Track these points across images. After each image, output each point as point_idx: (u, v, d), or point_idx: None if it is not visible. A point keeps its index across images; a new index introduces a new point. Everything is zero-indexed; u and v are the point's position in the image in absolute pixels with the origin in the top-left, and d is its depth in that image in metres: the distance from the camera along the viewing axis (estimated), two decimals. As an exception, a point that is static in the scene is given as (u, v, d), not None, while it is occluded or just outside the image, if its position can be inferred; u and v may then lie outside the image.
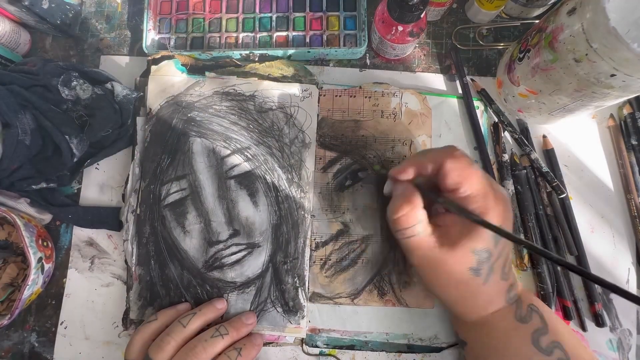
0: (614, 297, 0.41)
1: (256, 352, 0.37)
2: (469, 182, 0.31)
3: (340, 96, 0.43)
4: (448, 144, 0.42)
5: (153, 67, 0.43)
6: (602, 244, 0.41)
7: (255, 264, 0.40)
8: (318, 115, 0.43)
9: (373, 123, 0.43)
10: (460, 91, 0.44)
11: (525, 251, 0.41)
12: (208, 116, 0.42)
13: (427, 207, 0.34)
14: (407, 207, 0.32)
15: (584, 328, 0.40)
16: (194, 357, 0.33)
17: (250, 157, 0.42)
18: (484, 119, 0.43)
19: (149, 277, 0.40)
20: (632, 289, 0.41)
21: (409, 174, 0.34)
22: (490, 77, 0.45)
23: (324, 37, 0.45)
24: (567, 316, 0.40)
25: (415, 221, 0.32)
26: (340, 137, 0.43)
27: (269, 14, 0.46)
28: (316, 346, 0.40)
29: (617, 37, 0.27)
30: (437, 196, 0.33)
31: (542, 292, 0.40)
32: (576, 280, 0.40)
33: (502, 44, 0.45)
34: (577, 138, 0.43)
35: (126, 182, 0.42)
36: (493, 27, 0.45)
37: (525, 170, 0.42)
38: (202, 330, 0.36)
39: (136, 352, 0.35)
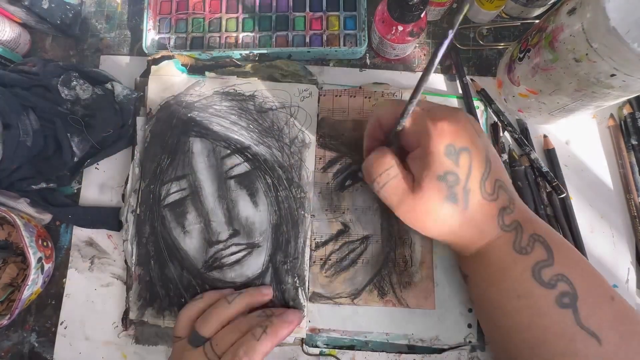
0: (614, 297, 0.41)
1: (287, 331, 0.35)
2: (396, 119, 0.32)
3: (340, 96, 0.43)
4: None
5: (153, 67, 0.43)
6: (601, 243, 0.41)
7: (255, 264, 0.40)
8: (318, 115, 0.43)
9: (373, 123, 0.43)
10: (460, 91, 0.44)
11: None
12: (208, 116, 0.42)
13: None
14: (377, 154, 0.33)
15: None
16: (238, 334, 0.34)
17: (250, 157, 0.42)
18: (484, 119, 0.43)
19: (149, 277, 0.40)
20: (632, 288, 0.41)
21: (373, 148, 0.36)
22: (490, 77, 0.45)
23: (324, 37, 0.45)
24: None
25: (386, 165, 0.32)
26: (340, 137, 0.43)
27: (269, 14, 0.46)
28: (316, 346, 0.40)
29: (617, 37, 0.27)
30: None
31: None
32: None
33: (502, 44, 0.45)
34: (577, 138, 0.43)
35: (126, 182, 0.42)
36: (493, 27, 0.45)
37: (524, 167, 0.42)
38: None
39: (183, 327, 0.37)
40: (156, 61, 0.43)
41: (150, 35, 0.45)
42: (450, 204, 0.30)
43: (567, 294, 0.29)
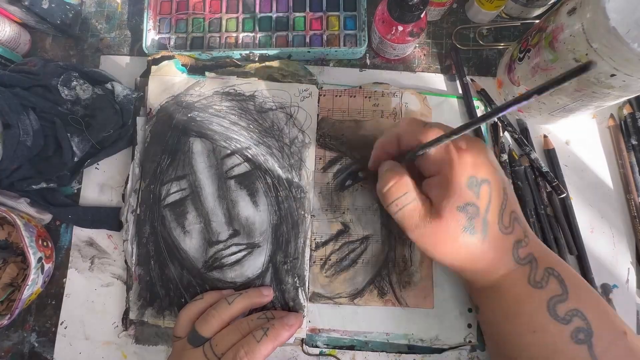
0: (613, 297, 0.41)
1: (288, 334, 0.35)
2: (425, 139, 0.31)
3: (340, 96, 0.43)
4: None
5: (153, 67, 0.43)
6: (602, 243, 0.41)
7: (255, 264, 0.40)
8: (318, 115, 0.43)
9: (373, 123, 0.43)
10: (460, 91, 0.44)
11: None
12: (208, 116, 0.42)
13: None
14: (395, 177, 0.32)
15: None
16: (238, 335, 0.35)
17: (250, 157, 0.42)
18: (484, 119, 0.43)
19: (149, 277, 0.40)
20: (632, 288, 0.41)
21: (381, 158, 0.36)
22: (490, 77, 0.44)
23: (324, 37, 0.45)
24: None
25: (404, 189, 0.32)
26: (340, 137, 0.43)
27: (269, 14, 0.46)
28: (316, 346, 0.40)
29: (617, 37, 0.27)
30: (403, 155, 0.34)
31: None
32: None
33: (502, 44, 0.45)
34: (577, 138, 0.43)
35: (126, 182, 0.42)
36: (493, 27, 0.45)
37: (524, 167, 0.42)
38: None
39: (183, 327, 0.37)
40: (156, 61, 0.43)
41: (150, 35, 0.45)
42: (467, 235, 0.30)
43: (582, 330, 0.29)
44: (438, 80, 0.45)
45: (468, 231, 0.30)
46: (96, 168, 0.44)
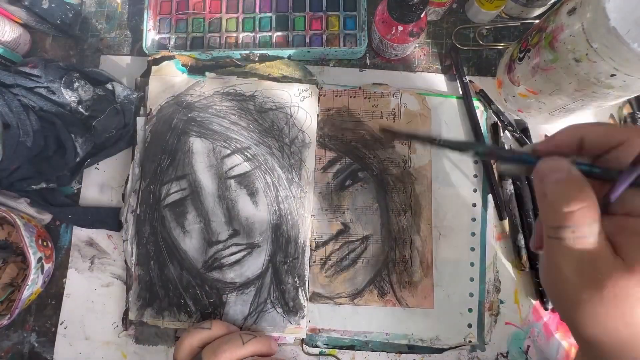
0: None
1: None
2: None
3: (340, 96, 0.43)
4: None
5: (154, 68, 0.43)
6: (602, 244, 0.41)
7: (255, 264, 0.40)
8: (318, 115, 0.43)
9: (373, 123, 0.43)
10: (460, 91, 0.44)
11: (524, 252, 0.41)
12: (208, 116, 0.42)
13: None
14: (584, 197, 0.21)
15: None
16: None
17: (250, 157, 0.42)
18: (484, 119, 0.43)
19: (149, 278, 0.40)
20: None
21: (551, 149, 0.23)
22: (490, 77, 0.44)
23: (324, 37, 0.45)
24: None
25: (591, 216, 0.21)
26: (340, 137, 0.43)
27: (269, 14, 0.46)
28: (316, 346, 0.40)
29: (617, 37, 0.27)
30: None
31: (540, 289, 0.40)
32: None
33: (502, 44, 0.45)
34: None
35: (126, 182, 0.42)
36: (493, 27, 0.45)
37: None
38: None
39: (185, 353, 0.35)
40: (156, 61, 0.43)
41: (150, 35, 0.45)
42: None
43: None
44: (438, 80, 0.45)
45: None
46: (96, 168, 0.44)
